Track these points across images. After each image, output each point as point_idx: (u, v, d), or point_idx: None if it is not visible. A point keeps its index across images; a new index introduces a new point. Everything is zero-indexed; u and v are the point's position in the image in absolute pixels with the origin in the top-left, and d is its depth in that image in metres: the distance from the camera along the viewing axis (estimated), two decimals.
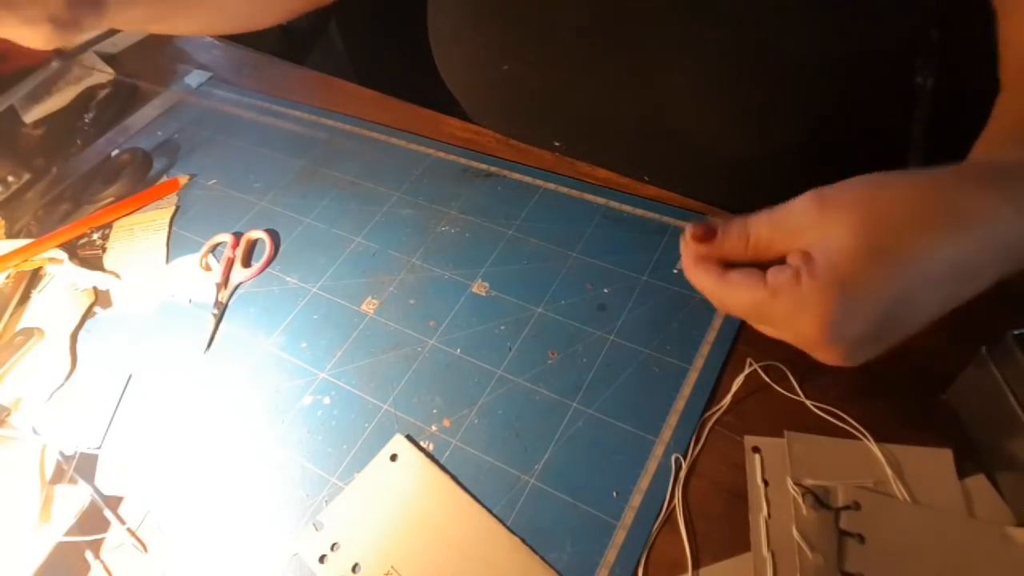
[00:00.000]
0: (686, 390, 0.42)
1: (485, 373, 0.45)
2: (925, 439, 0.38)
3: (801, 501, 0.36)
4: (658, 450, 0.40)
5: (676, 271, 0.48)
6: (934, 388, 0.40)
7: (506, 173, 0.58)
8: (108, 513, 0.42)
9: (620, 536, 0.37)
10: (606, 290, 0.48)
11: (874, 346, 0.28)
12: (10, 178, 0.64)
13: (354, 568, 0.38)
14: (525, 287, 0.50)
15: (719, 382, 0.42)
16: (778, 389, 0.41)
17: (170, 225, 0.60)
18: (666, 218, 0.52)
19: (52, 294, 0.55)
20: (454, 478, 0.41)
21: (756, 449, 0.39)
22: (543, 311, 0.48)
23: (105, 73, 0.76)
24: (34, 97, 0.73)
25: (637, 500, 0.38)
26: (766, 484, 0.38)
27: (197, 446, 0.45)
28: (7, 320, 0.53)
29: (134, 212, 0.62)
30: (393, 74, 1.05)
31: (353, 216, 0.57)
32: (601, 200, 0.54)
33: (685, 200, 0.53)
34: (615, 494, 0.39)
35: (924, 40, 0.55)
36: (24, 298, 0.55)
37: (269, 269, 0.55)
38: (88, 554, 0.41)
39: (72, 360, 0.51)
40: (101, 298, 0.56)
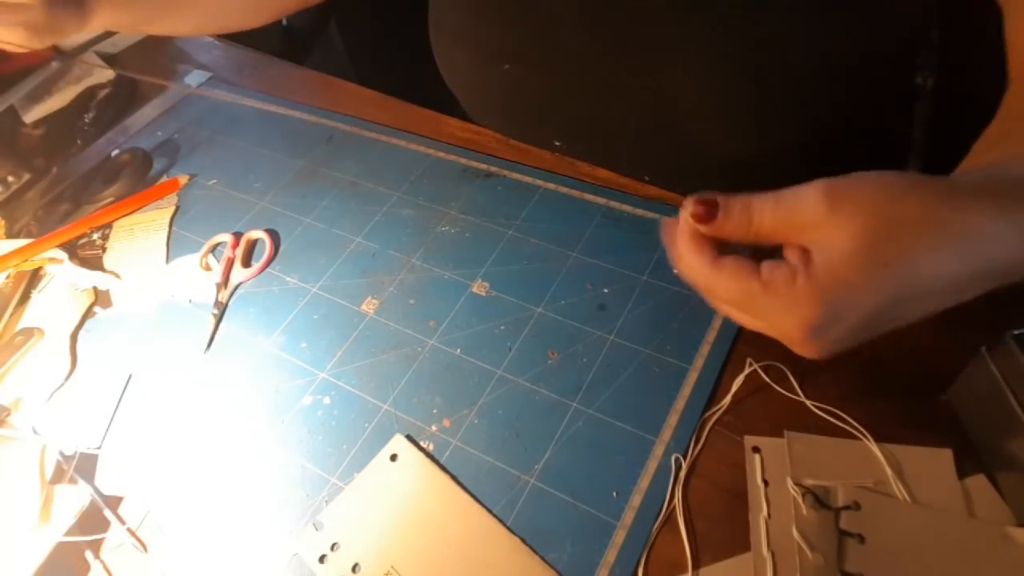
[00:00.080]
0: (686, 390, 0.42)
1: (485, 373, 0.45)
2: (925, 439, 0.38)
3: (801, 501, 0.36)
4: (658, 450, 0.40)
5: (676, 271, 0.48)
6: (934, 388, 0.40)
7: (506, 173, 0.58)
8: (108, 513, 0.42)
9: (620, 536, 0.37)
10: (606, 290, 0.48)
11: (848, 344, 0.28)
12: (10, 178, 0.64)
13: (354, 568, 0.38)
14: (525, 287, 0.50)
15: (719, 382, 0.42)
16: (778, 389, 0.41)
17: (170, 225, 0.60)
18: (666, 218, 0.52)
19: (52, 294, 0.55)
20: (454, 478, 0.41)
21: (756, 449, 0.39)
22: (543, 311, 0.48)
23: (105, 73, 0.76)
24: (34, 97, 0.73)
25: (637, 500, 0.38)
26: (766, 484, 0.38)
27: (197, 446, 0.45)
28: (7, 320, 0.53)
29: (134, 212, 0.62)
30: (393, 74, 1.06)
31: (353, 216, 0.57)
32: (601, 200, 0.54)
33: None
34: (615, 494, 0.39)
35: (924, 40, 0.55)
36: (24, 298, 0.55)
37: (269, 269, 0.55)
38: (88, 554, 0.41)
39: (72, 360, 0.51)
40: (101, 298, 0.56)
